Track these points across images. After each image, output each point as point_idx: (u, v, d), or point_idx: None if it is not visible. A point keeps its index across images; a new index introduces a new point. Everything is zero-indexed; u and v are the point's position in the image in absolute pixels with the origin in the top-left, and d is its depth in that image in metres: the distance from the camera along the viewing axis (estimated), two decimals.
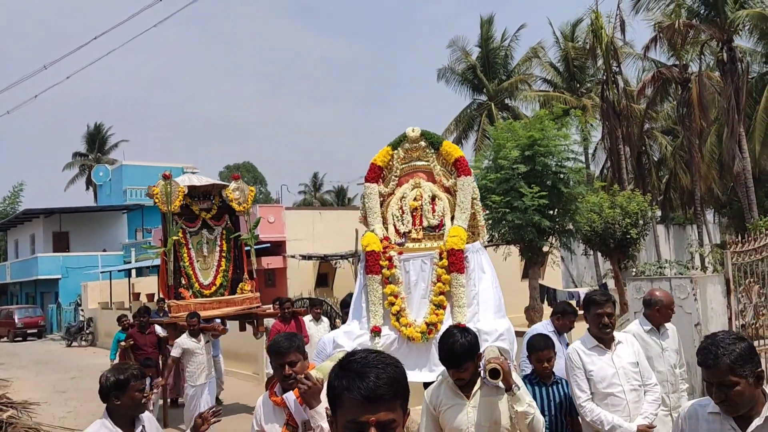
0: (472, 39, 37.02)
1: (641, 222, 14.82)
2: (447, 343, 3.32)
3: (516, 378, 3.44)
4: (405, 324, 4.42)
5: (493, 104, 30.72)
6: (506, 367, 3.30)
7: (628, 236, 14.49)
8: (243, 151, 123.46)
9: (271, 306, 10.07)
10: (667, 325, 4.74)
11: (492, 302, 4.39)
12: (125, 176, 38.31)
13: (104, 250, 35.58)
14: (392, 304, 4.52)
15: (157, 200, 8.88)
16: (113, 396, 3.34)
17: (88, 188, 46.66)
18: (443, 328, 4.15)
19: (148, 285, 25.33)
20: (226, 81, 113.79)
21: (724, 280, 6.58)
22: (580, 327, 4.71)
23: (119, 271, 28.04)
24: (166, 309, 9.16)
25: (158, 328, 9.68)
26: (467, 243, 4.58)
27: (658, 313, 4.66)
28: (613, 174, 25.95)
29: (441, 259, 4.47)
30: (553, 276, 21.54)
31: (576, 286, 25.37)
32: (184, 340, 8.42)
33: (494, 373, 3.27)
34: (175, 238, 8.97)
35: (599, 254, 21.20)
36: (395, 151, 5.08)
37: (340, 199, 56.77)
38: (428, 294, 4.50)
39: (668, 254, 30.42)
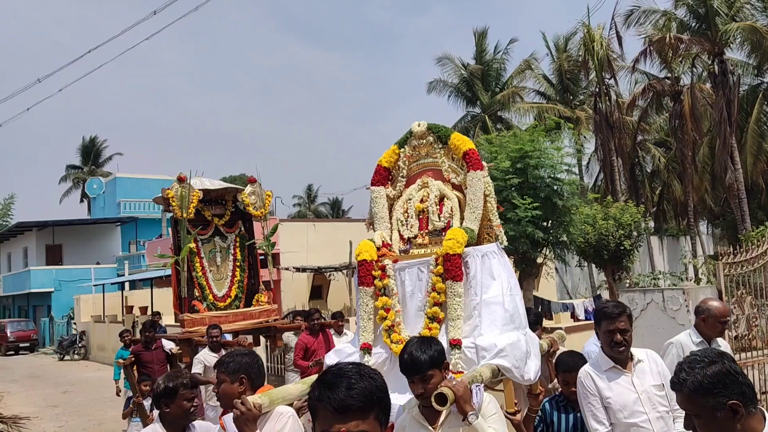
0: (464, 52, 37.18)
1: (635, 233, 14.88)
2: (400, 355, 2.98)
3: (488, 403, 3.00)
4: (396, 340, 3.97)
5: (487, 116, 30.84)
6: (460, 391, 2.81)
7: (622, 248, 14.53)
8: (237, 163, 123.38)
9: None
10: (720, 341, 4.29)
11: (500, 314, 3.92)
12: (119, 189, 38.23)
13: (97, 263, 35.42)
14: (384, 318, 4.11)
15: (173, 204, 8.19)
16: (163, 403, 3.41)
17: (82, 201, 46.55)
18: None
19: (141, 298, 25.19)
20: (219, 94, 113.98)
21: (716, 291, 6.59)
22: (580, 338, 4.57)
23: (112, 284, 27.89)
24: (180, 323, 8.42)
25: (165, 343, 8.99)
26: (478, 245, 4.18)
27: (703, 323, 4.28)
28: (606, 186, 26.04)
29: (436, 265, 4.01)
30: (547, 287, 21.55)
31: (571, 298, 25.37)
32: (205, 356, 7.71)
33: (440, 399, 2.83)
34: (190, 246, 8.29)
35: (593, 266, 21.24)
36: (402, 150, 4.71)
37: (335, 211, 56.76)
38: (425, 306, 4.05)
39: (662, 265, 30.48)
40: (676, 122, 25.05)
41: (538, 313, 5.14)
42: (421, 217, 4.43)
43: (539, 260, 13.77)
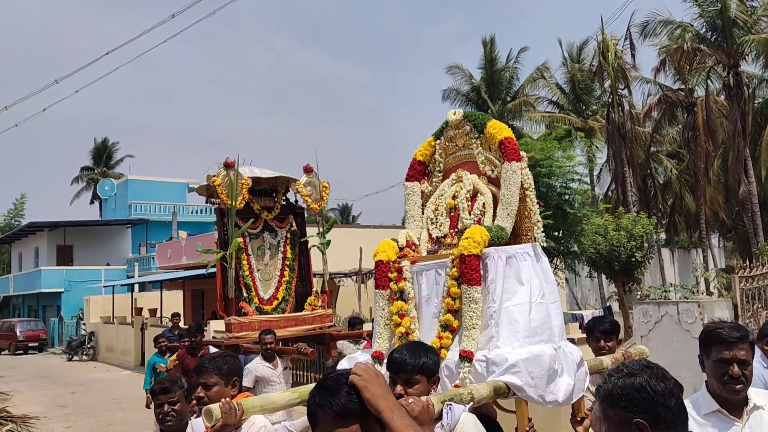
0: (475, 60, 37.16)
1: (646, 245, 14.77)
2: (391, 353, 2.79)
3: (464, 425, 2.66)
4: None
5: None
6: (415, 410, 2.37)
7: (633, 259, 14.43)
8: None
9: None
10: None
11: (523, 324, 3.47)
12: (130, 191, 38.44)
13: (108, 264, 35.59)
14: (398, 324, 3.77)
15: (220, 192, 7.30)
16: (154, 403, 3.39)
17: (93, 202, 46.82)
18: (451, 355, 3.52)
19: (151, 300, 25.27)
20: (230, 99, 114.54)
21: (731, 304, 6.52)
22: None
23: (122, 285, 28.02)
24: (226, 327, 7.39)
25: (213, 350, 7.76)
26: (514, 245, 3.78)
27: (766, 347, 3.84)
28: (617, 196, 25.92)
29: (452, 267, 3.62)
30: None
31: (580, 309, 25.22)
32: (258, 366, 6.56)
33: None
34: (239, 240, 7.38)
35: (603, 277, 21.11)
36: (438, 142, 4.31)
37: (345, 216, 56.79)
38: (440, 312, 3.70)
39: (673, 278, 30.26)
40: (689, 134, 24.93)
41: (613, 322, 4.23)
42: (452, 214, 4.04)
43: None
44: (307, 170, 7.94)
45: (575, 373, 3.55)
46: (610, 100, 25.38)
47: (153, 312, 22.91)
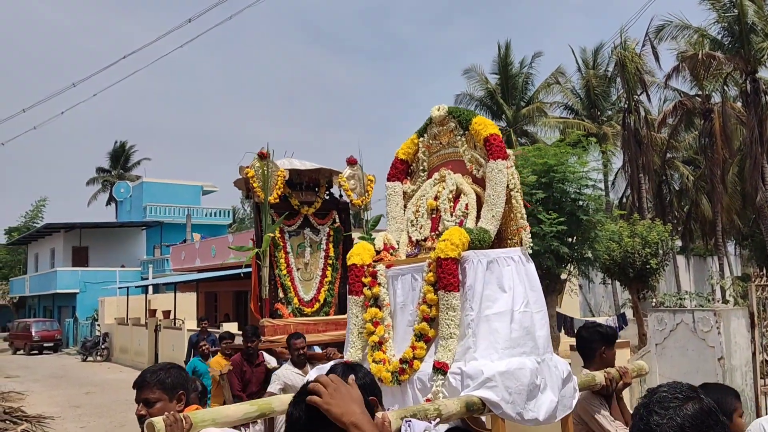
0: (489, 65, 37.11)
1: (661, 252, 14.66)
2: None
3: None
4: (379, 360, 3.41)
5: (512, 130, 30.72)
6: (364, 427, 1.96)
7: (648, 266, 14.32)
8: None
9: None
10: None
11: (503, 334, 3.20)
12: (145, 193, 38.74)
13: (122, 266, 35.87)
14: (371, 333, 3.51)
15: (253, 184, 6.78)
16: None
17: (109, 204, 47.22)
18: (425, 367, 3.26)
19: (164, 302, 25.42)
20: (245, 102, 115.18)
21: (748, 313, 6.44)
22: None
23: (136, 287, 28.23)
24: (259, 330, 6.74)
25: (269, 359, 7.01)
26: (499, 249, 3.52)
27: None
28: (633, 203, 25.74)
29: (429, 272, 3.36)
30: (570, 304, 21.28)
31: (593, 315, 25.04)
32: (287, 373, 6.07)
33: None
34: (270, 235, 6.77)
35: (618, 283, 20.95)
36: (421, 139, 4.09)
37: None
38: (415, 320, 3.45)
39: (688, 285, 29.96)
40: (706, 140, 24.72)
41: (604, 333, 3.67)
42: (433, 216, 3.78)
43: (563, 276, 13.61)
44: (351, 162, 7.40)
45: (560, 389, 3.29)
46: (626, 105, 25.23)
47: (167, 314, 23.05)
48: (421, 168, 4.12)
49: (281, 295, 6.97)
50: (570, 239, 12.73)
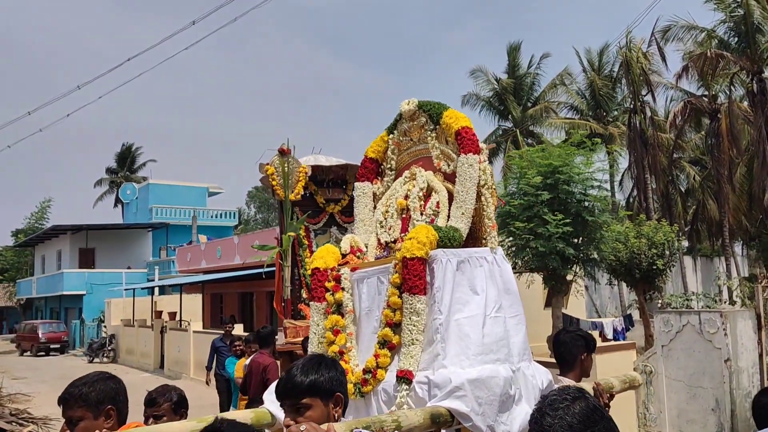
0: (496, 66, 37.17)
1: (668, 253, 14.60)
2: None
3: None
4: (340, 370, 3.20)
5: (518, 131, 30.69)
6: None
7: (655, 267, 14.27)
8: None
9: None
10: None
11: (474, 340, 2.95)
12: (152, 195, 38.88)
13: (128, 268, 35.99)
14: (331, 342, 3.28)
15: (273, 181, 6.58)
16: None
17: (116, 206, 47.41)
18: (390, 376, 3.03)
19: (170, 303, 25.49)
20: (251, 103, 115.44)
21: (755, 314, 6.40)
22: (611, 359, 3.98)
23: (142, 288, 28.31)
24: (282, 331, 6.55)
25: None
26: (470, 248, 3.24)
27: None
28: (639, 203, 25.66)
29: (394, 273, 3.11)
30: (576, 305, 21.23)
31: (599, 317, 24.96)
32: None
33: None
34: (292, 234, 6.50)
35: (624, 284, 20.89)
36: (391, 136, 3.87)
37: None
38: (381, 326, 3.19)
39: (695, 286, 29.85)
40: (713, 141, 24.62)
41: (587, 339, 3.35)
42: (404, 216, 3.56)
43: (569, 277, 13.58)
44: None
45: (536, 400, 2.80)
46: (632, 106, 25.16)
47: (172, 315, 23.11)
48: (389, 167, 3.88)
49: (305, 295, 6.62)
50: (576, 240, 12.70)
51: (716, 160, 24.72)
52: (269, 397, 3.10)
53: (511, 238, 12.54)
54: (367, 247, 3.66)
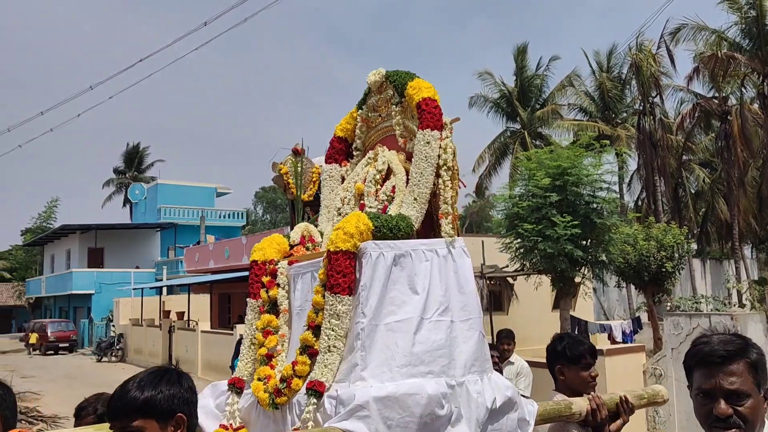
0: (504, 68, 37.10)
1: (677, 255, 14.51)
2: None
3: None
4: (263, 377, 2.78)
5: (526, 132, 30.60)
6: None
7: (664, 269, 14.18)
8: None
9: None
10: None
11: (404, 348, 2.51)
12: (160, 195, 39.02)
13: (137, 267, 36.13)
14: (261, 344, 2.92)
15: (288, 179, 7.02)
16: None
17: (124, 206, 47.63)
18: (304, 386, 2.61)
19: (178, 303, 25.58)
20: (259, 104, 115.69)
21: (765, 317, 6.36)
22: (620, 361, 3.87)
23: (151, 288, 28.40)
24: None
25: None
26: (425, 239, 2.82)
27: None
28: (648, 205, 25.54)
29: (322, 267, 2.71)
30: (584, 308, 21.15)
31: (607, 319, 24.84)
32: None
33: None
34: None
35: (632, 287, 20.78)
36: (360, 112, 3.47)
37: None
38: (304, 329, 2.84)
39: (704, 289, 29.65)
40: (723, 143, 24.47)
41: (558, 349, 3.01)
42: (362, 202, 3.18)
43: (577, 279, 13.52)
44: None
45: (483, 422, 2.53)
46: (641, 107, 25.05)
47: (180, 315, 23.19)
48: (356, 147, 3.51)
49: None
50: (584, 242, 12.65)
51: (726, 163, 24.57)
52: (201, 401, 2.78)
53: (519, 240, 12.50)
54: (323, 236, 3.25)
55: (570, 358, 2.96)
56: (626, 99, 30.61)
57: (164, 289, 27.99)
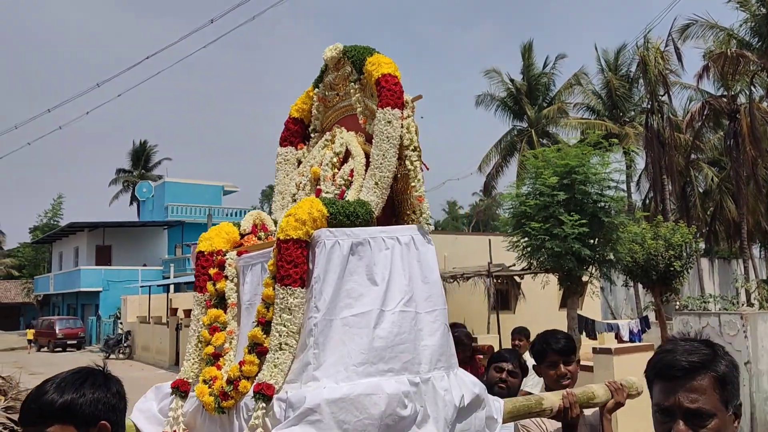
0: (511, 66, 37.11)
1: (685, 254, 14.45)
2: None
3: None
4: (209, 378, 2.55)
5: (533, 131, 30.52)
6: None
7: (672, 269, 14.12)
8: None
9: None
10: None
11: (361, 344, 2.31)
12: (167, 193, 39.14)
13: (144, 265, 36.26)
14: (207, 342, 2.68)
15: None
16: None
17: (132, 204, 47.79)
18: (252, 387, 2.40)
19: (185, 301, 25.64)
20: (267, 102, 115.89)
21: None
22: (629, 360, 3.84)
23: (158, 285, 28.49)
24: None
25: None
26: (387, 226, 2.63)
27: None
28: (656, 204, 25.43)
29: (272, 258, 2.49)
30: (591, 306, 21.08)
31: (614, 318, 24.76)
32: None
33: None
34: None
35: (640, 286, 20.69)
36: (316, 91, 3.25)
37: None
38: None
39: (712, 289, 29.51)
40: (731, 141, 24.32)
41: (569, 336, 3.00)
42: (318, 187, 2.94)
43: (584, 278, 13.48)
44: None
45: (451, 421, 2.37)
46: (649, 106, 24.94)
47: (188, 312, 23.22)
48: (313, 128, 3.29)
49: None
50: (592, 241, 12.61)
51: (735, 161, 24.43)
52: (143, 405, 2.74)
53: (526, 239, 12.47)
54: (276, 224, 2.90)
55: (535, 357, 2.94)
56: (634, 97, 30.49)
57: (171, 287, 28.07)
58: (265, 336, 2.42)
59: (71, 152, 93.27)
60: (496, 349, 6.76)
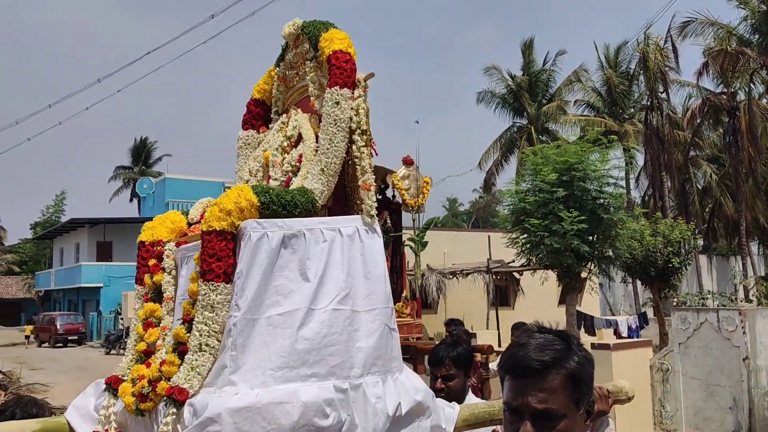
0: (511, 64, 37.09)
1: (683, 251, 14.51)
2: None
3: None
4: (136, 377, 2.39)
5: (533, 128, 30.55)
6: None
7: (670, 265, 14.19)
8: None
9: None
10: None
11: (281, 346, 2.11)
12: (168, 189, 39.14)
13: None
14: (141, 338, 2.55)
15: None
16: None
17: (132, 200, 47.80)
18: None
19: None
20: None
21: None
22: (626, 356, 3.85)
23: None
24: None
25: None
26: (332, 216, 2.42)
27: None
28: (655, 201, 25.48)
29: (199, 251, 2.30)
30: (590, 303, 21.17)
31: (613, 314, 24.84)
32: None
33: None
34: None
35: (638, 282, 20.77)
36: (277, 70, 3.06)
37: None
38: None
39: (710, 285, 29.60)
40: (731, 138, 24.37)
41: (466, 348, 2.91)
42: (270, 173, 2.74)
43: (583, 275, 13.54)
44: (407, 162, 6.74)
45: (384, 431, 2.18)
46: (648, 103, 24.97)
47: None
48: (275, 110, 3.09)
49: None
50: (591, 237, 12.67)
51: (734, 158, 24.48)
52: (80, 401, 2.63)
53: (525, 235, 12.53)
54: None
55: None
56: (634, 95, 30.53)
57: None
58: (188, 335, 2.23)
59: (72, 148, 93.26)
60: (496, 348, 6.76)
